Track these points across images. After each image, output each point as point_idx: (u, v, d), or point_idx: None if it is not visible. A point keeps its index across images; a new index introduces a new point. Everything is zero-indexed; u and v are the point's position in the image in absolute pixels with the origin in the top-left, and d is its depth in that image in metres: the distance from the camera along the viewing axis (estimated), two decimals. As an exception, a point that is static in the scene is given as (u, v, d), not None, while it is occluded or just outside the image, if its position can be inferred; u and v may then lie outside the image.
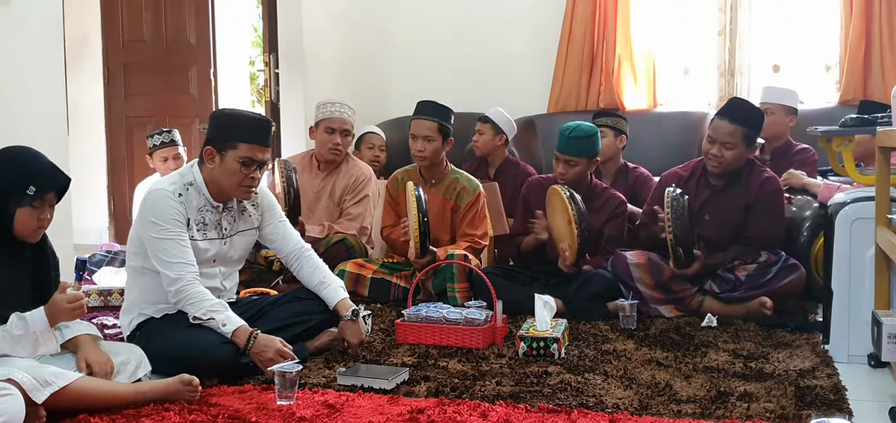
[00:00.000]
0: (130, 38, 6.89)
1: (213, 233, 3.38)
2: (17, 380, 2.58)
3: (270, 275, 4.64)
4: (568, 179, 4.32)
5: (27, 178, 2.79)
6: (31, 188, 2.78)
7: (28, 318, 2.77)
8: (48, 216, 2.86)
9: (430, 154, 4.51)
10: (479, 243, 4.54)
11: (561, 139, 4.36)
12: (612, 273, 4.18)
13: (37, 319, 2.78)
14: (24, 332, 2.76)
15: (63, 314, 2.82)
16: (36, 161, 2.86)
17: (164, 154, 5.58)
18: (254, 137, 3.29)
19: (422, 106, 4.58)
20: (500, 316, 3.69)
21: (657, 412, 2.79)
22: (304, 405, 2.87)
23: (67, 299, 2.81)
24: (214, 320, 3.17)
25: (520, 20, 6.87)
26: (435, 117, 4.50)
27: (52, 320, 2.81)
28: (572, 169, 4.34)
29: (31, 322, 2.77)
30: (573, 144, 4.33)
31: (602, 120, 5.01)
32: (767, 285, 4.04)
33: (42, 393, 2.61)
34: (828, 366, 3.27)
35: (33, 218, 2.82)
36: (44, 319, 2.78)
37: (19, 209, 2.80)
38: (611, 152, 4.97)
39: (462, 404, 2.85)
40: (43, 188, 2.80)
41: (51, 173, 2.86)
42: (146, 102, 6.92)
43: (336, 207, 4.95)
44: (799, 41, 6.54)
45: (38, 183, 2.79)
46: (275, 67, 6.16)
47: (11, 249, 2.86)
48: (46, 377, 2.65)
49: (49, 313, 2.79)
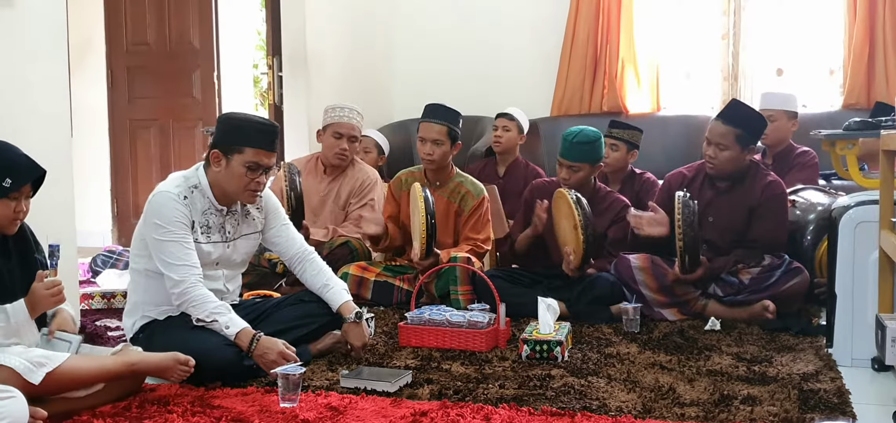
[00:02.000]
0: (134, 41, 6.90)
1: (216, 236, 3.38)
2: (12, 365, 2.60)
3: (274, 278, 4.64)
4: (571, 185, 4.32)
5: (3, 170, 2.78)
6: (7, 181, 2.77)
7: (9, 310, 2.77)
8: (24, 208, 2.86)
9: (439, 158, 4.51)
10: (482, 247, 4.53)
11: (564, 145, 4.36)
12: (616, 276, 4.18)
13: (18, 310, 2.78)
14: (6, 324, 2.76)
15: (43, 302, 2.83)
16: (11, 153, 2.85)
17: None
18: (260, 142, 3.29)
19: (431, 109, 4.56)
20: (504, 319, 3.69)
21: (660, 415, 2.79)
22: (307, 407, 2.87)
23: (45, 286, 2.81)
24: (217, 322, 3.17)
25: (523, 23, 6.87)
26: (444, 121, 4.49)
27: (33, 310, 2.81)
28: (575, 174, 4.34)
29: (11, 314, 2.77)
30: (576, 150, 4.32)
31: (618, 132, 4.92)
32: (771, 289, 4.03)
33: (37, 374, 2.63)
34: (831, 370, 3.26)
35: (10, 209, 2.81)
36: (25, 309, 2.79)
37: None
38: (621, 165, 4.93)
39: (465, 406, 2.85)
40: (19, 180, 2.80)
41: (27, 165, 2.85)
42: (149, 106, 6.93)
43: (341, 210, 4.94)
44: (802, 45, 6.55)
45: (14, 175, 2.79)
46: (278, 71, 6.16)
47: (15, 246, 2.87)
48: (39, 359, 2.67)
49: (29, 303, 2.80)
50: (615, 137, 4.85)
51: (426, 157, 4.52)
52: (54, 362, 2.71)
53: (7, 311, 2.77)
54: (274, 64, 6.17)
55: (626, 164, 4.95)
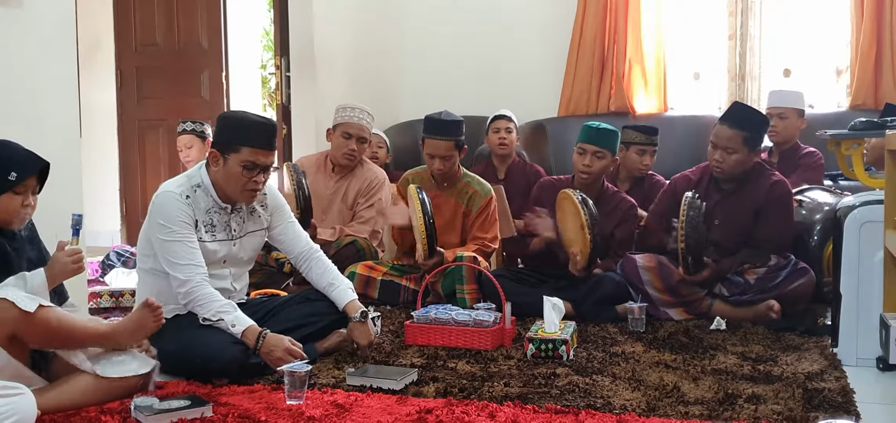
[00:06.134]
0: (143, 41, 6.95)
1: (222, 234, 3.40)
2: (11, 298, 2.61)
3: (281, 277, 4.65)
4: (592, 173, 4.32)
5: (7, 165, 2.80)
6: (13, 174, 2.79)
7: (27, 277, 2.78)
8: (31, 203, 2.88)
9: (448, 169, 4.54)
10: (489, 247, 4.55)
11: (589, 131, 4.35)
12: (622, 276, 4.18)
13: (36, 278, 2.79)
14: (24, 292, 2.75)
15: (65, 271, 2.84)
16: (13, 148, 2.87)
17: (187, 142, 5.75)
18: (256, 140, 3.29)
19: (436, 125, 4.50)
20: (509, 318, 3.70)
21: (664, 413, 2.80)
22: (314, 404, 2.89)
23: (67, 254, 2.82)
24: (224, 320, 3.20)
25: (530, 23, 6.87)
26: (451, 136, 4.47)
27: (53, 280, 2.83)
28: (599, 162, 4.33)
29: (29, 280, 2.78)
30: (603, 136, 4.33)
31: (642, 137, 4.88)
32: (777, 289, 4.03)
33: (32, 302, 2.64)
34: (836, 369, 3.26)
35: (17, 203, 2.82)
36: (43, 278, 2.80)
37: (2, 196, 2.80)
38: (637, 168, 4.92)
39: (470, 404, 2.86)
40: (23, 173, 2.82)
41: (30, 158, 2.87)
42: (158, 106, 6.98)
43: (349, 210, 4.95)
44: (809, 45, 6.53)
45: (18, 169, 2.81)
46: (286, 71, 6.18)
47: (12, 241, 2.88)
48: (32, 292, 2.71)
49: (49, 272, 2.82)
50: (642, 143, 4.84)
51: (437, 171, 4.53)
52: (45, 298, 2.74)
53: (25, 278, 2.79)
54: (282, 64, 6.19)
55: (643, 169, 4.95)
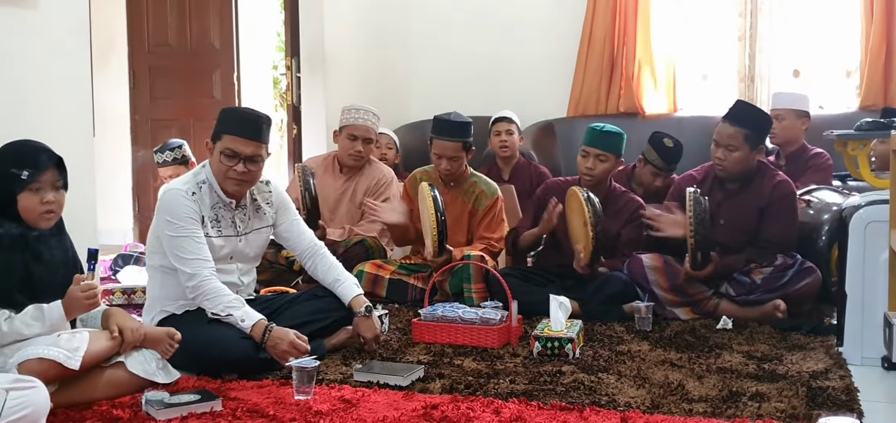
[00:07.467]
0: (155, 41, 6.99)
1: (228, 230, 3.45)
2: (51, 357, 2.66)
3: (290, 275, 4.68)
4: (595, 176, 4.34)
5: (18, 164, 2.81)
6: (25, 173, 2.80)
7: (45, 310, 2.79)
8: (52, 198, 2.85)
9: (456, 169, 4.56)
10: (496, 247, 4.57)
11: (593, 134, 4.37)
12: (628, 276, 4.20)
13: (54, 311, 2.80)
14: (41, 324, 2.79)
15: (79, 306, 2.84)
16: (25, 146, 2.89)
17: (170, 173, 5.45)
18: (236, 129, 3.36)
19: (445, 126, 4.51)
20: (516, 316, 3.72)
21: (668, 410, 2.82)
22: (321, 399, 2.92)
23: (81, 289, 2.82)
24: (232, 316, 3.24)
25: (539, 24, 6.89)
26: (459, 138, 4.49)
27: (69, 313, 2.83)
28: (602, 164, 4.35)
29: (47, 314, 2.79)
30: (605, 139, 4.35)
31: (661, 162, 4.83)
32: (783, 289, 4.03)
33: (75, 359, 2.71)
34: (841, 368, 3.27)
35: (36, 201, 2.82)
36: (61, 313, 2.81)
37: (20, 195, 2.81)
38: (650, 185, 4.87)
39: (475, 401, 2.89)
40: (36, 167, 2.82)
41: (41, 154, 2.86)
42: (171, 106, 7.02)
43: (357, 209, 4.97)
44: (819, 46, 6.54)
45: (30, 165, 2.81)
46: (297, 71, 6.23)
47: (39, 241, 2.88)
48: (71, 346, 2.75)
49: (66, 305, 2.81)
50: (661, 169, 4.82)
51: (444, 171, 4.56)
52: (84, 343, 2.79)
53: (43, 310, 2.80)
54: (292, 65, 6.24)
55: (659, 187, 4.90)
